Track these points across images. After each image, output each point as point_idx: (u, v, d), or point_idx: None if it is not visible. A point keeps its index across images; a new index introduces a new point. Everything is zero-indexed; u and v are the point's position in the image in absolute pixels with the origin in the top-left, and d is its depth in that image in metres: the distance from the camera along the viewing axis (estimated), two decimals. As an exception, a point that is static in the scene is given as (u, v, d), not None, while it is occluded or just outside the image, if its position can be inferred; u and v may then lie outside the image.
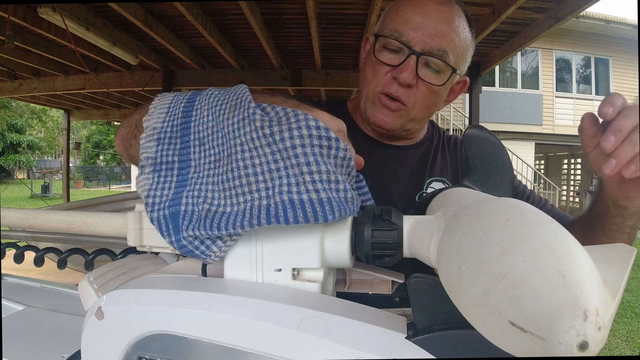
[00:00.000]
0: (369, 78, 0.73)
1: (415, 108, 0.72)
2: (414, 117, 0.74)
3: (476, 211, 0.27)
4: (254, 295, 0.34)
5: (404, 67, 0.68)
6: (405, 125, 0.75)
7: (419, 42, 0.68)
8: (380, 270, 0.47)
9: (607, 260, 0.27)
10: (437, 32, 0.68)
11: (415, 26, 0.68)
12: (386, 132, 0.77)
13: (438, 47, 0.68)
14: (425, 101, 0.72)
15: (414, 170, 0.81)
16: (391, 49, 0.70)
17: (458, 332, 0.29)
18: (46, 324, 0.84)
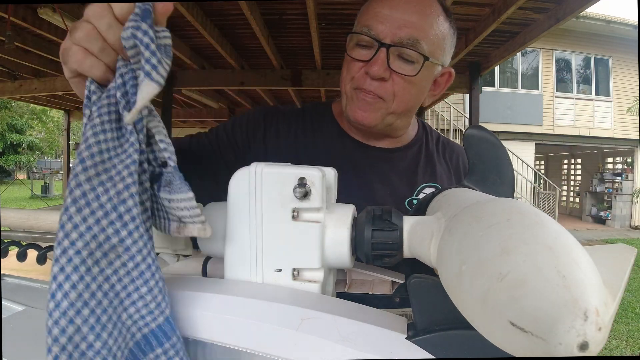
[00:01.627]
0: (344, 76, 0.73)
1: (393, 101, 0.71)
2: (394, 111, 0.72)
3: (476, 211, 0.27)
4: (254, 295, 0.34)
5: (374, 60, 0.67)
6: (386, 120, 0.73)
7: (388, 34, 0.67)
8: (381, 271, 0.47)
9: (608, 261, 0.27)
10: (406, 22, 0.67)
11: (383, 19, 0.67)
12: (368, 130, 0.75)
13: (408, 37, 0.66)
14: (403, 93, 0.70)
15: (404, 173, 0.79)
16: (362, 44, 0.70)
17: (458, 332, 0.29)
18: (46, 325, 0.84)
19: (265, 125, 0.78)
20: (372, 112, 0.71)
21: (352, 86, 0.71)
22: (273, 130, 0.78)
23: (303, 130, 0.79)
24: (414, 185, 0.78)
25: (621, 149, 10.16)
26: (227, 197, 0.38)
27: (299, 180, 0.36)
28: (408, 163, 0.80)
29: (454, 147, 0.88)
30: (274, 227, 0.36)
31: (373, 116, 0.71)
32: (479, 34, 3.30)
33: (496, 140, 0.42)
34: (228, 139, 0.77)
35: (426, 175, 0.80)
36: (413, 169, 0.80)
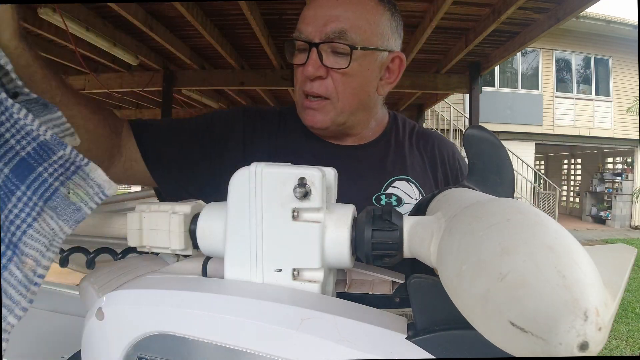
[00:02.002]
0: (295, 84, 0.74)
1: (339, 99, 0.70)
2: (342, 109, 0.72)
3: (476, 212, 0.27)
4: (254, 295, 0.34)
5: (308, 61, 0.68)
6: (337, 120, 0.72)
7: (317, 33, 0.67)
8: (381, 271, 0.47)
9: (608, 261, 0.27)
10: (331, 17, 0.67)
11: (309, 20, 0.69)
12: (323, 132, 0.76)
13: (334, 31, 0.67)
14: (346, 88, 0.70)
15: (372, 169, 0.78)
16: (299, 50, 0.71)
17: (458, 332, 0.29)
18: (46, 325, 0.84)
19: (244, 124, 0.78)
20: (320, 115, 0.71)
21: (300, 93, 0.73)
22: (250, 130, 0.78)
23: (277, 131, 0.79)
24: (382, 180, 0.77)
25: (621, 149, 10.17)
26: (227, 197, 0.38)
27: (299, 180, 0.36)
28: (375, 159, 0.79)
29: (430, 136, 0.86)
30: (274, 227, 0.36)
31: (322, 119, 0.72)
32: (478, 34, 3.30)
33: (496, 140, 0.42)
34: (207, 126, 0.77)
35: (396, 168, 0.78)
36: (381, 164, 0.79)
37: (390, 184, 0.76)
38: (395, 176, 0.77)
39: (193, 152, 0.74)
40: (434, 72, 4.63)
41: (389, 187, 0.76)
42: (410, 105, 6.80)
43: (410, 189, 0.76)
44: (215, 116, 0.80)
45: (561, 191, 10.67)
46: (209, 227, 0.40)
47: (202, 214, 0.41)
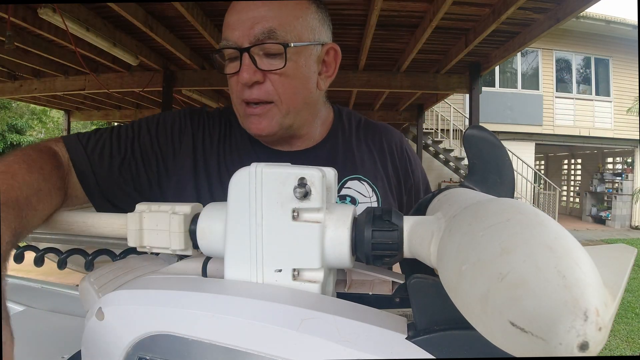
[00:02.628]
0: (231, 94, 0.70)
1: (282, 101, 0.67)
2: (287, 111, 0.68)
3: (476, 211, 0.27)
4: (254, 295, 0.34)
5: (241, 68, 0.65)
6: (284, 122, 0.69)
7: (245, 37, 0.64)
8: (381, 271, 0.47)
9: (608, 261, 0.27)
10: (255, 19, 0.64)
11: (234, 26, 0.65)
12: (270, 139, 0.72)
13: (262, 32, 0.64)
14: (286, 89, 0.67)
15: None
16: (231, 58, 0.67)
17: (458, 332, 0.29)
18: (46, 325, 0.84)
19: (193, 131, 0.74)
20: (266, 120, 0.68)
21: (238, 102, 0.69)
22: (200, 137, 0.74)
23: (223, 136, 0.75)
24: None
25: (621, 149, 10.17)
26: (227, 197, 0.38)
27: (299, 180, 0.36)
28: (324, 161, 0.75)
29: (377, 128, 0.84)
30: (274, 227, 0.36)
31: (269, 124, 0.68)
32: (478, 34, 3.30)
33: (496, 141, 0.42)
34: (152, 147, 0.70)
35: (347, 167, 0.76)
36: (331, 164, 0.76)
37: (343, 185, 0.74)
38: (347, 176, 0.75)
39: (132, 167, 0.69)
40: (434, 72, 4.63)
41: (342, 188, 0.74)
42: (410, 105, 6.80)
43: (363, 188, 0.75)
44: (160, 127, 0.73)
45: (561, 191, 10.67)
46: (209, 227, 0.40)
47: (202, 214, 0.41)
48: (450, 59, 4.09)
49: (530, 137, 9.56)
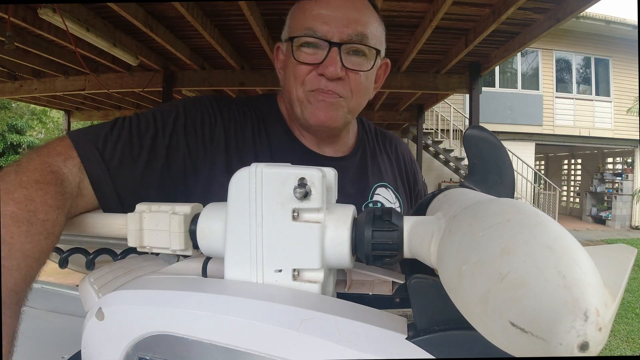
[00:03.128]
0: (292, 82, 0.70)
1: (352, 98, 0.70)
2: (353, 108, 0.72)
3: (476, 212, 0.27)
4: (254, 296, 0.34)
5: (328, 61, 0.66)
6: (347, 118, 0.72)
7: (336, 33, 0.66)
8: (381, 271, 0.47)
9: (608, 261, 0.27)
10: (350, 20, 0.66)
11: (327, 20, 0.66)
12: (330, 132, 0.74)
13: (356, 33, 0.66)
14: (359, 89, 0.70)
15: (356, 179, 0.78)
16: (308, 45, 0.68)
17: (458, 332, 0.29)
18: (46, 325, 0.84)
19: (224, 124, 0.70)
20: (334, 111, 0.69)
21: (305, 89, 0.69)
22: (232, 128, 0.71)
23: (258, 129, 0.74)
24: (366, 188, 0.78)
25: (621, 149, 10.17)
26: (227, 198, 0.38)
27: (299, 181, 0.36)
28: (357, 168, 0.79)
29: (390, 137, 0.89)
30: (274, 227, 0.36)
31: (336, 115, 0.70)
32: (478, 35, 3.30)
33: (496, 141, 0.42)
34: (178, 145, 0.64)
35: (374, 175, 0.80)
36: (363, 173, 0.80)
37: (374, 192, 0.78)
38: (376, 183, 0.79)
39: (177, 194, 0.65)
40: (434, 72, 4.63)
41: (373, 194, 0.78)
42: (410, 105, 6.80)
43: (389, 194, 0.80)
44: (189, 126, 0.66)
45: (561, 191, 10.67)
46: (209, 228, 0.40)
47: (202, 215, 0.41)
48: (450, 59, 4.09)
49: (530, 137, 9.55)
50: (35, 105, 8.09)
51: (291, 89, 0.71)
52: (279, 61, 0.77)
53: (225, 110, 0.72)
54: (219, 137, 0.68)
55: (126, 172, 0.57)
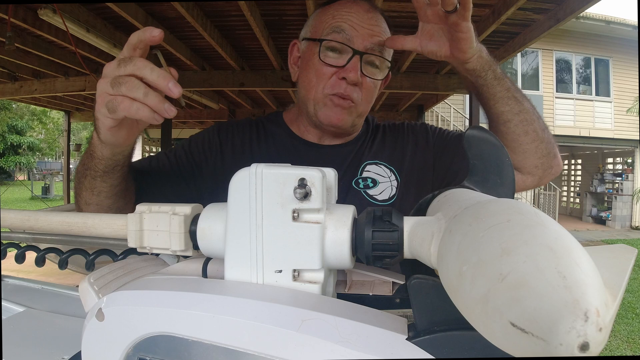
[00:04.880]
0: (314, 82, 0.77)
1: (362, 104, 0.77)
2: (361, 113, 0.79)
3: (477, 212, 0.27)
4: (254, 296, 0.34)
5: (350, 67, 0.73)
6: (355, 121, 0.80)
7: (361, 42, 0.73)
8: (381, 272, 0.47)
9: (608, 261, 0.27)
10: (374, 32, 0.73)
11: (354, 24, 0.73)
12: (338, 130, 0.81)
13: (377, 44, 0.74)
14: (368, 96, 0.78)
15: (351, 159, 0.84)
16: (332, 49, 0.75)
17: (459, 333, 0.29)
18: (47, 326, 0.84)
19: (220, 140, 0.83)
20: (347, 116, 0.77)
21: (325, 92, 0.76)
22: (229, 144, 0.83)
23: (257, 139, 0.84)
24: (357, 166, 0.83)
25: (621, 149, 10.16)
26: (227, 198, 0.38)
27: (299, 181, 0.36)
28: (355, 151, 0.86)
29: (400, 127, 0.92)
30: (274, 228, 0.36)
31: (346, 119, 0.78)
32: (478, 35, 3.29)
33: (496, 141, 0.42)
34: (186, 157, 0.81)
35: (366, 155, 0.85)
36: (359, 154, 0.85)
37: (364, 169, 0.83)
38: (366, 161, 0.84)
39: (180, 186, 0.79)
40: (434, 73, 4.63)
41: (362, 171, 0.83)
42: (410, 106, 6.80)
43: (381, 169, 0.84)
44: (193, 143, 0.84)
45: (561, 192, 10.67)
46: (209, 228, 0.40)
47: (202, 215, 0.41)
48: (451, 60, 4.09)
49: (531, 137, 9.53)
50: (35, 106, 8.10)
51: (310, 88, 0.78)
52: (293, 57, 0.86)
53: (223, 126, 0.86)
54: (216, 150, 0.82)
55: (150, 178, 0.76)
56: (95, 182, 0.61)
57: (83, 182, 0.63)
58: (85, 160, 0.61)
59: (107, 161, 0.59)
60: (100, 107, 0.49)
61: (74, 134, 21.47)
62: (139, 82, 0.46)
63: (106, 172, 0.60)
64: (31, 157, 18.48)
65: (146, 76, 0.46)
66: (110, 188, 0.63)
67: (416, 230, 0.34)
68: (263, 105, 6.65)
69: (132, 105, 0.46)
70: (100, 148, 0.57)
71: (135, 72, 0.46)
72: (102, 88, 0.48)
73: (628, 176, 9.61)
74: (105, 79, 0.48)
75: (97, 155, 0.59)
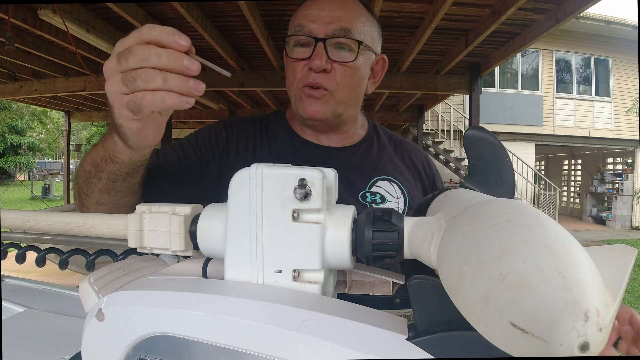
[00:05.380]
0: (291, 79, 0.78)
1: (339, 90, 0.76)
2: (341, 100, 0.77)
3: (477, 212, 0.27)
4: (254, 296, 0.34)
5: (314, 54, 0.73)
6: (336, 110, 0.78)
7: (321, 30, 0.73)
8: (381, 272, 0.47)
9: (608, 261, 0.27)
10: (335, 17, 0.74)
11: (313, 18, 0.74)
12: (320, 123, 0.80)
13: (340, 28, 0.73)
14: (346, 81, 0.76)
15: (357, 168, 0.83)
16: (300, 45, 0.76)
17: (459, 333, 0.29)
18: (47, 326, 0.84)
19: (227, 136, 0.82)
20: (322, 105, 0.76)
21: (298, 86, 0.76)
22: (234, 141, 0.83)
23: (260, 137, 0.84)
24: (367, 179, 0.82)
25: (621, 149, 10.17)
26: (227, 198, 0.38)
27: (299, 181, 0.36)
28: (360, 159, 0.85)
29: (406, 144, 0.93)
30: (274, 228, 0.36)
31: (324, 109, 0.76)
32: (478, 35, 3.30)
33: (496, 141, 0.42)
34: (195, 153, 0.80)
35: (379, 169, 0.84)
36: (366, 164, 0.84)
37: (374, 184, 0.82)
38: (378, 176, 0.83)
39: (186, 179, 0.77)
40: (434, 73, 4.63)
41: (372, 186, 0.81)
42: (410, 106, 6.80)
43: (392, 189, 0.82)
44: (199, 137, 0.82)
45: (561, 192, 10.66)
46: (209, 228, 0.40)
47: (202, 215, 0.41)
48: (450, 60, 4.09)
49: (531, 137, 9.55)
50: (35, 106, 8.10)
51: (289, 86, 0.79)
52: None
53: (228, 123, 0.85)
54: (222, 146, 0.81)
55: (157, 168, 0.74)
56: (115, 184, 0.58)
57: (95, 184, 0.59)
58: (100, 164, 0.56)
59: (135, 164, 0.56)
60: (121, 110, 0.45)
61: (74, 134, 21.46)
62: (153, 70, 0.41)
63: (130, 174, 0.57)
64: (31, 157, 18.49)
65: (155, 65, 0.41)
66: (130, 187, 0.60)
67: (416, 231, 0.34)
68: (263, 106, 6.65)
69: (156, 97, 0.42)
70: (127, 154, 0.53)
71: (141, 65, 0.41)
72: (115, 89, 0.44)
73: (628, 176, 9.61)
74: (112, 79, 0.44)
75: (123, 161, 0.54)
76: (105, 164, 0.56)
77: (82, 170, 0.60)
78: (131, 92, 0.42)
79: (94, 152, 0.58)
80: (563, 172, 12.39)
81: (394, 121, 7.58)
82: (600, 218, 10.09)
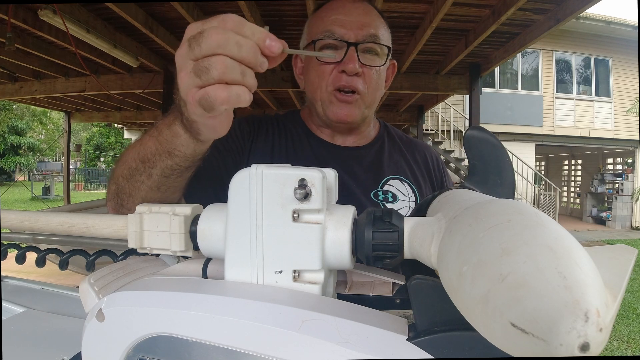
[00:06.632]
0: (317, 82, 0.79)
1: (368, 93, 0.79)
2: (369, 103, 0.81)
3: (477, 212, 0.27)
4: (254, 297, 0.34)
5: (348, 59, 0.75)
6: (364, 113, 0.81)
7: (352, 35, 0.76)
8: (381, 272, 0.47)
9: (608, 261, 0.27)
10: (363, 24, 0.76)
11: (343, 24, 0.76)
12: (346, 125, 0.82)
13: (368, 34, 0.76)
14: (373, 84, 0.79)
15: (370, 167, 0.85)
16: (329, 49, 0.77)
17: (459, 333, 0.29)
18: (47, 326, 0.84)
19: (250, 129, 0.84)
20: (353, 109, 0.79)
21: (328, 89, 0.78)
22: (258, 134, 0.84)
23: (278, 134, 0.85)
24: (379, 178, 0.84)
25: (621, 149, 10.16)
26: (228, 199, 0.38)
27: (299, 182, 0.36)
28: (372, 158, 0.86)
29: (417, 144, 0.95)
30: (275, 228, 0.36)
31: (355, 112, 0.79)
32: (478, 35, 3.30)
33: (496, 141, 0.42)
34: (224, 147, 0.79)
35: (390, 168, 0.86)
36: (378, 163, 0.86)
37: (386, 182, 0.83)
38: (390, 175, 0.85)
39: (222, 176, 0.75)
40: (434, 73, 4.64)
41: (384, 184, 0.83)
42: (410, 106, 6.80)
43: (404, 187, 0.84)
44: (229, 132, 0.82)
45: (561, 192, 10.66)
46: (210, 229, 0.40)
47: (202, 216, 0.41)
48: (450, 60, 4.10)
49: (531, 138, 9.55)
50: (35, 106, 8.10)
51: (315, 89, 0.80)
52: (298, 68, 0.88)
53: (250, 119, 0.86)
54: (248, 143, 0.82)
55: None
56: (169, 179, 0.54)
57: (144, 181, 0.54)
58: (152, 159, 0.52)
59: (197, 156, 0.52)
60: (195, 107, 0.40)
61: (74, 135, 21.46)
62: (231, 59, 0.37)
63: (188, 168, 0.54)
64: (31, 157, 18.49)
65: (233, 55, 0.37)
66: (182, 182, 0.56)
67: (416, 231, 0.34)
68: (263, 106, 6.65)
69: (231, 93, 0.37)
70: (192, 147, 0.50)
71: (216, 51, 0.37)
72: (188, 83, 0.39)
73: (628, 176, 9.61)
74: (184, 70, 0.39)
75: (185, 154, 0.51)
76: (158, 158, 0.52)
77: (125, 168, 0.55)
78: (204, 84, 0.38)
79: (140, 148, 0.54)
80: (563, 173, 12.39)
81: (394, 121, 7.58)
82: (600, 218, 10.09)
